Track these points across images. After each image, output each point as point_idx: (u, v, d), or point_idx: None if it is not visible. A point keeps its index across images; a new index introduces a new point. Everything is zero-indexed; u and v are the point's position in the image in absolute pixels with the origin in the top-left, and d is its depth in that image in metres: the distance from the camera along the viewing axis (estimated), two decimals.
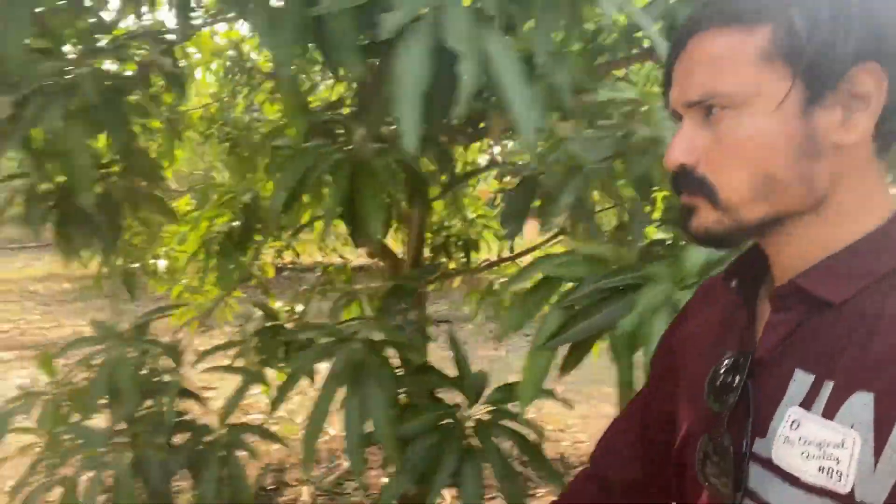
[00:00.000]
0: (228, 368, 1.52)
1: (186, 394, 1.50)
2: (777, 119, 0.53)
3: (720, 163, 0.56)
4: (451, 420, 1.32)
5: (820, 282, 0.54)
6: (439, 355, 1.75)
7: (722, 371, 0.60)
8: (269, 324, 1.67)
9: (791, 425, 0.52)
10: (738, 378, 0.57)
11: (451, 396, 1.39)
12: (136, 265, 2.34)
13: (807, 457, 0.50)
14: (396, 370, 1.34)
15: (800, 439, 0.50)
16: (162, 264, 2.59)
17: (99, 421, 1.45)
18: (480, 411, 1.35)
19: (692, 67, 0.56)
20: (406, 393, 1.37)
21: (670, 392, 0.72)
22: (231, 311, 2.59)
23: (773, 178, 0.54)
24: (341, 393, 1.26)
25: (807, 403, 0.52)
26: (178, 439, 1.46)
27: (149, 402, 1.42)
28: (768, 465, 0.53)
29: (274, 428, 1.99)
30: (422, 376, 1.39)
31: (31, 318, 6.98)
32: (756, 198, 0.55)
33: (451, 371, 1.41)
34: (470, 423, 1.33)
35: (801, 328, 0.55)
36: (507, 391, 1.36)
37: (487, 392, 1.38)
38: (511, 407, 1.35)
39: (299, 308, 2.03)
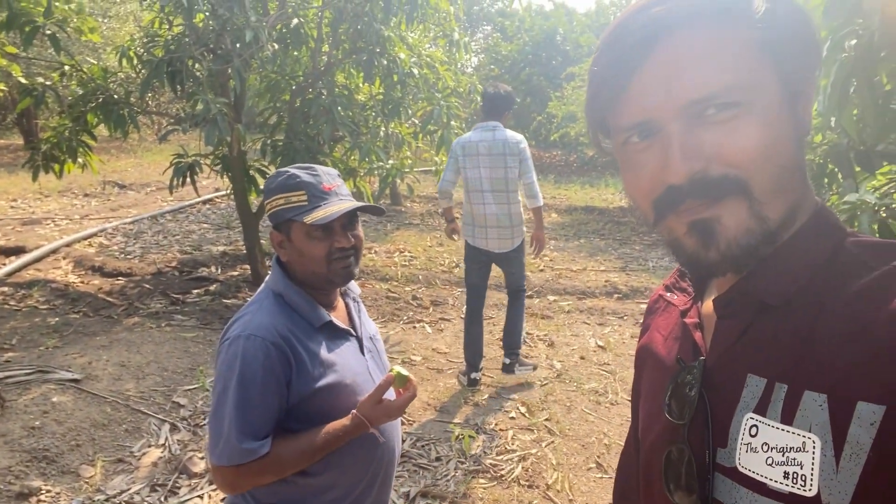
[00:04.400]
0: None
1: None
2: (781, 110, 0.51)
3: (740, 157, 0.50)
4: None
5: (760, 285, 0.53)
6: None
7: (678, 382, 0.58)
8: None
9: (750, 431, 0.50)
10: (693, 389, 0.55)
11: None
12: None
13: (771, 463, 0.48)
14: None
15: (763, 445, 0.49)
16: None
17: None
18: None
19: (681, 65, 0.50)
20: None
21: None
22: None
23: (787, 169, 0.51)
24: None
25: (762, 408, 0.50)
26: None
27: None
28: (734, 474, 0.51)
29: None
30: None
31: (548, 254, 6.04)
32: (778, 189, 0.51)
33: None
34: None
35: (748, 332, 0.54)
36: None
37: None
38: None
39: None
